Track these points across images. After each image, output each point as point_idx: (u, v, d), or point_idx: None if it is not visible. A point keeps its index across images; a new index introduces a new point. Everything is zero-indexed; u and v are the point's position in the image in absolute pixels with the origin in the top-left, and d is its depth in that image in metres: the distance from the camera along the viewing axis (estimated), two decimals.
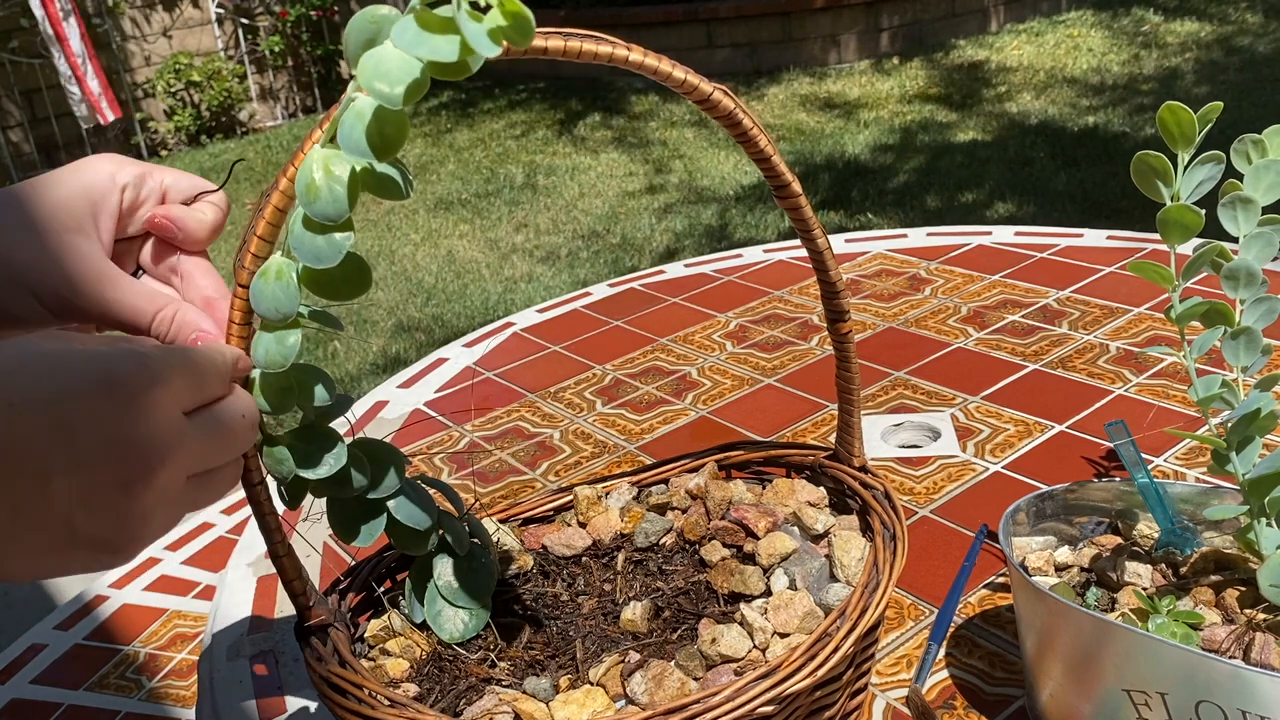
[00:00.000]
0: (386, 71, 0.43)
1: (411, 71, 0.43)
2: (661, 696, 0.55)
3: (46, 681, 1.18)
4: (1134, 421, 0.96)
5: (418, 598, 0.63)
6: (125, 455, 0.44)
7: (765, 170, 0.57)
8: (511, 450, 1.06)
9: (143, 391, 0.44)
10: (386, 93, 0.43)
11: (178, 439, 0.46)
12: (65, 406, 0.42)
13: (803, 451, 0.72)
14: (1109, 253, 1.35)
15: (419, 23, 0.42)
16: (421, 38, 0.42)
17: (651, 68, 0.51)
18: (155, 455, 0.45)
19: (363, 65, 0.44)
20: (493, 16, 0.41)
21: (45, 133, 5.67)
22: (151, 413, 0.45)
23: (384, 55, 0.44)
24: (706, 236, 3.78)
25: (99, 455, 0.43)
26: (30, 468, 0.41)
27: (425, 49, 0.42)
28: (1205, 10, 5.85)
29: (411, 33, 0.42)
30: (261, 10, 6.29)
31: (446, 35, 0.42)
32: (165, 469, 0.45)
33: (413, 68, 0.43)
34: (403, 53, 0.43)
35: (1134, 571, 0.62)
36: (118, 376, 0.44)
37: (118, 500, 0.44)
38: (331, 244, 0.49)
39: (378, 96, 0.44)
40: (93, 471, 0.43)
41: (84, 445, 0.42)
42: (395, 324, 3.41)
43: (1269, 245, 0.62)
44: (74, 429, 0.42)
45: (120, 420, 0.44)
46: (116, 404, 0.44)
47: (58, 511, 0.43)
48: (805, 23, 5.71)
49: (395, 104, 0.44)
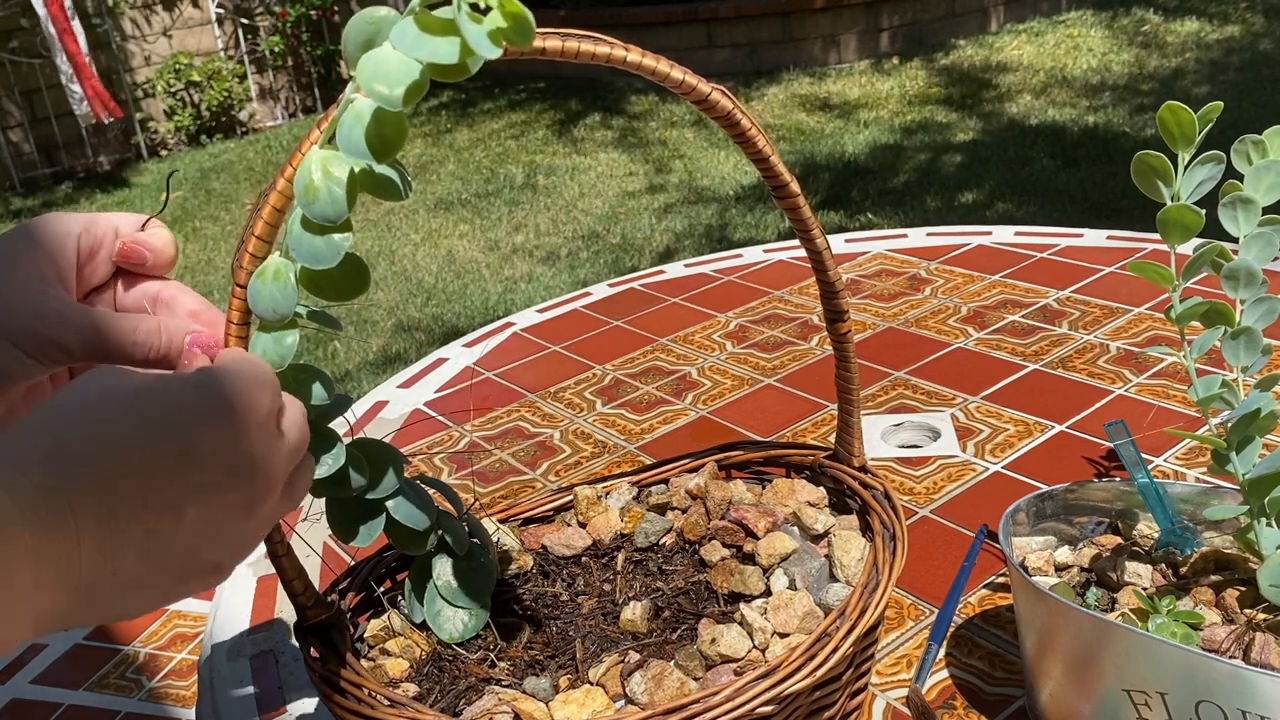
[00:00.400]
0: (386, 73, 0.43)
1: (411, 73, 0.43)
2: (661, 696, 0.55)
3: (46, 681, 1.18)
4: (1134, 421, 0.96)
5: (417, 598, 0.63)
6: (250, 478, 0.45)
7: (764, 170, 0.57)
8: (511, 450, 1.06)
9: (250, 412, 0.45)
10: (386, 94, 0.43)
11: (281, 454, 0.47)
12: (190, 436, 0.43)
13: (803, 451, 0.72)
14: (1109, 253, 1.35)
15: (419, 24, 0.42)
16: (421, 39, 0.42)
17: (649, 68, 0.51)
18: (273, 475, 0.46)
19: (362, 66, 0.44)
20: (493, 18, 0.41)
21: (45, 133, 5.66)
22: (263, 433, 0.46)
23: (383, 57, 0.44)
24: (706, 236, 3.78)
25: (226, 481, 0.44)
26: (164, 500, 0.42)
27: (425, 51, 0.42)
28: (1205, 10, 5.85)
29: (411, 35, 0.42)
30: (261, 10, 6.29)
31: (446, 37, 0.42)
32: (280, 485, 0.46)
33: (412, 69, 0.43)
34: (402, 54, 0.43)
35: (1134, 571, 0.62)
36: (229, 400, 0.45)
37: (243, 524, 0.45)
38: (330, 245, 0.49)
39: (377, 98, 0.44)
40: (224, 497, 0.44)
41: (210, 473, 0.43)
42: (395, 324, 3.41)
43: (1269, 245, 0.62)
44: (199, 457, 0.43)
45: (239, 444, 0.44)
46: (235, 429, 0.44)
47: (187, 542, 0.43)
48: (805, 23, 5.71)
49: (395, 105, 0.43)
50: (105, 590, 0.41)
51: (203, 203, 5.00)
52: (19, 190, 5.57)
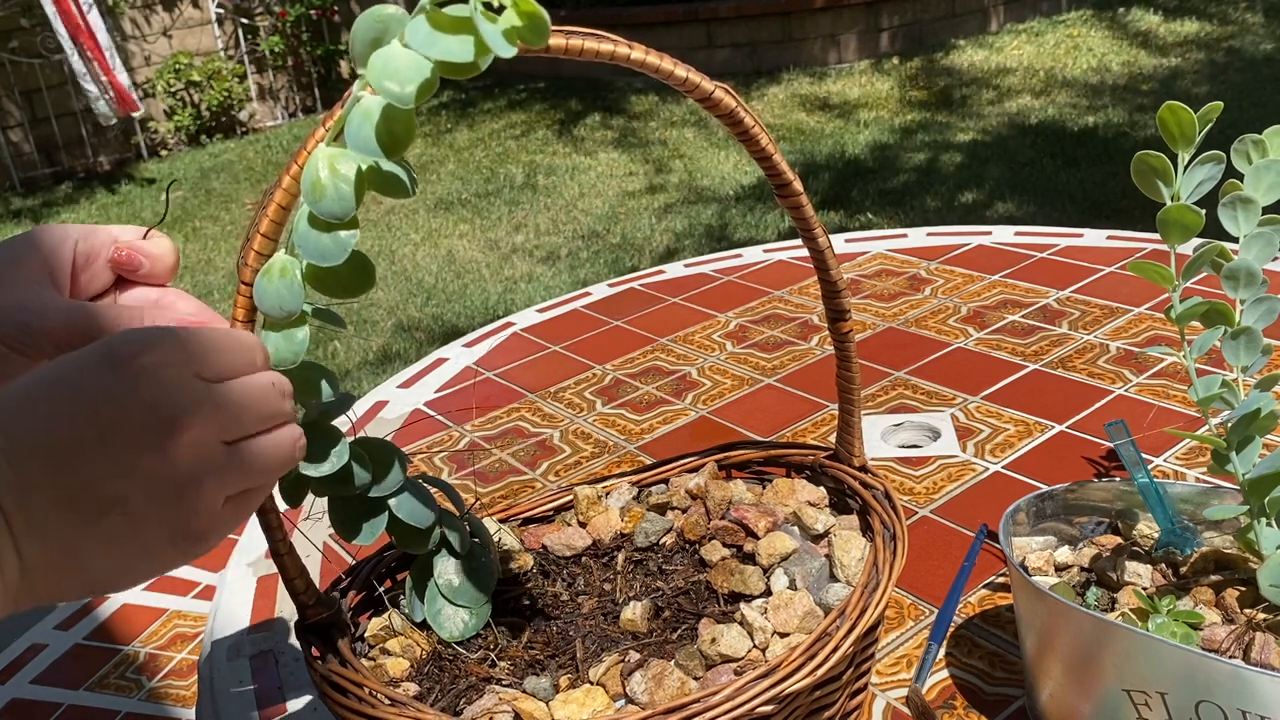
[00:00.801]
0: (396, 70, 0.44)
1: (422, 71, 0.43)
2: (661, 696, 0.55)
3: (46, 681, 1.18)
4: (1134, 421, 0.96)
5: (418, 596, 0.63)
6: (137, 417, 0.44)
7: (767, 169, 0.57)
8: (511, 450, 1.06)
9: (139, 358, 0.45)
10: (397, 92, 0.44)
11: (194, 401, 0.45)
12: (89, 401, 0.43)
13: (803, 451, 0.72)
14: (1109, 253, 1.35)
15: (431, 23, 0.42)
16: (434, 37, 0.42)
17: (654, 66, 0.51)
18: (172, 414, 0.45)
19: (372, 64, 0.44)
20: (508, 17, 0.41)
21: (45, 133, 5.66)
22: (156, 376, 0.45)
23: (393, 54, 0.44)
24: (706, 236, 3.78)
25: (121, 423, 0.43)
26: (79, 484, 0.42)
27: (439, 49, 0.42)
28: (1205, 10, 5.85)
29: (424, 32, 0.43)
30: (261, 10, 6.29)
31: (459, 35, 0.42)
32: (190, 427, 0.45)
33: (423, 67, 0.43)
34: (412, 52, 0.43)
35: (1134, 571, 0.62)
36: (114, 349, 0.45)
37: (145, 464, 0.44)
38: (337, 242, 0.49)
39: (388, 95, 0.44)
40: (119, 437, 0.43)
41: (107, 419, 0.43)
42: (395, 324, 3.41)
43: (1269, 245, 0.62)
44: (101, 424, 0.43)
45: (127, 387, 0.44)
46: (120, 377, 0.44)
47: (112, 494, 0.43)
48: (805, 23, 5.71)
49: (406, 103, 0.44)
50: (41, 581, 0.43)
51: (203, 203, 5.00)
52: (19, 190, 5.57)
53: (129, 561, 0.45)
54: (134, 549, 0.44)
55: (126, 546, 0.44)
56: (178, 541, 0.46)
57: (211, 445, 0.46)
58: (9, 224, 5.00)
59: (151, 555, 0.45)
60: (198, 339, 0.47)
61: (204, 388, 0.46)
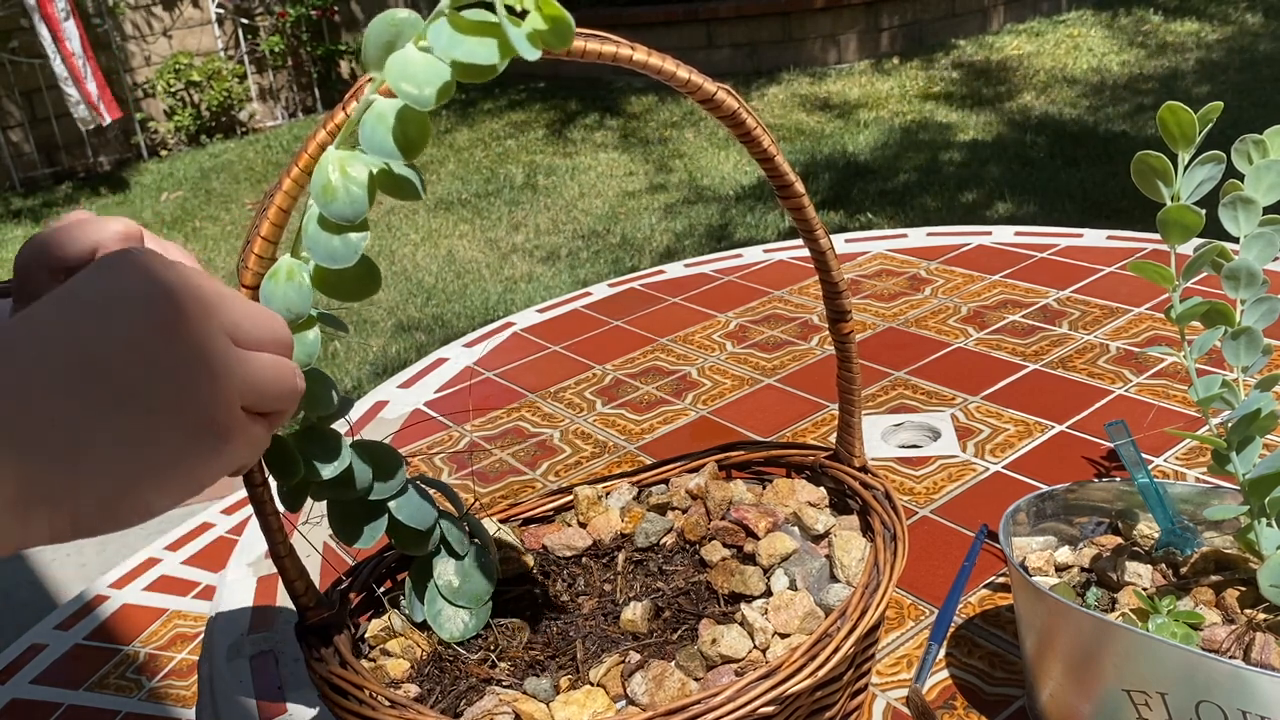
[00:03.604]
0: (413, 74, 0.44)
1: (441, 74, 0.44)
2: (662, 697, 0.55)
3: (46, 681, 1.18)
4: (1134, 421, 0.96)
5: (418, 597, 0.63)
6: (138, 304, 0.42)
7: (768, 170, 0.57)
8: (511, 450, 1.06)
9: (129, 255, 0.43)
10: (415, 94, 0.44)
11: (194, 289, 0.43)
12: (82, 327, 0.41)
13: (803, 451, 0.72)
14: (1109, 253, 1.35)
15: (453, 26, 0.43)
16: (457, 40, 0.43)
17: (655, 67, 0.51)
18: (175, 299, 0.42)
19: (389, 67, 0.44)
20: (532, 20, 0.42)
21: (45, 133, 5.66)
22: (151, 269, 0.43)
23: (410, 58, 0.44)
24: (706, 236, 3.78)
25: (123, 312, 0.41)
26: (69, 423, 0.39)
27: (461, 51, 0.43)
28: (1205, 10, 5.85)
29: (446, 35, 0.43)
30: (261, 10, 6.29)
31: (481, 38, 0.42)
32: (193, 313, 0.43)
33: (441, 70, 0.44)
34: (429, 55, 0.44)
35: (1134, 571, 0.62)
36: (105, 258, 0.43)
37: (153, 345, 0.41)
38: (348, 244, 0.49)
39: (407, 98, 0.44)
40: (122, 325, 0.41)
41: (109, 311, 0.41)
42: (395, 324, 3.41)
43: (1269, 245, 0.62)
44: (98, 358, 0.40)
45: (125, 280, 0.42)
46: (117, 273, 0.42)
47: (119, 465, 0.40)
48: (805, 23, 5.71)
49: (426, 105, 0.44)
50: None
51: (203, 203, 5.00)
52: (19, 190, 5.57)
53: (149, 463, 0.41)
54: (152, 447, 0.41)
55: (143, 444, 0.41)
56: (201, 438, 0.42)
57: (219, 337, 0.43)
58: (9, 224, 5.00)
59: (173, 457, 0.42)
60: (193, 269, 0.45)
61: (199, 284, 0.44)
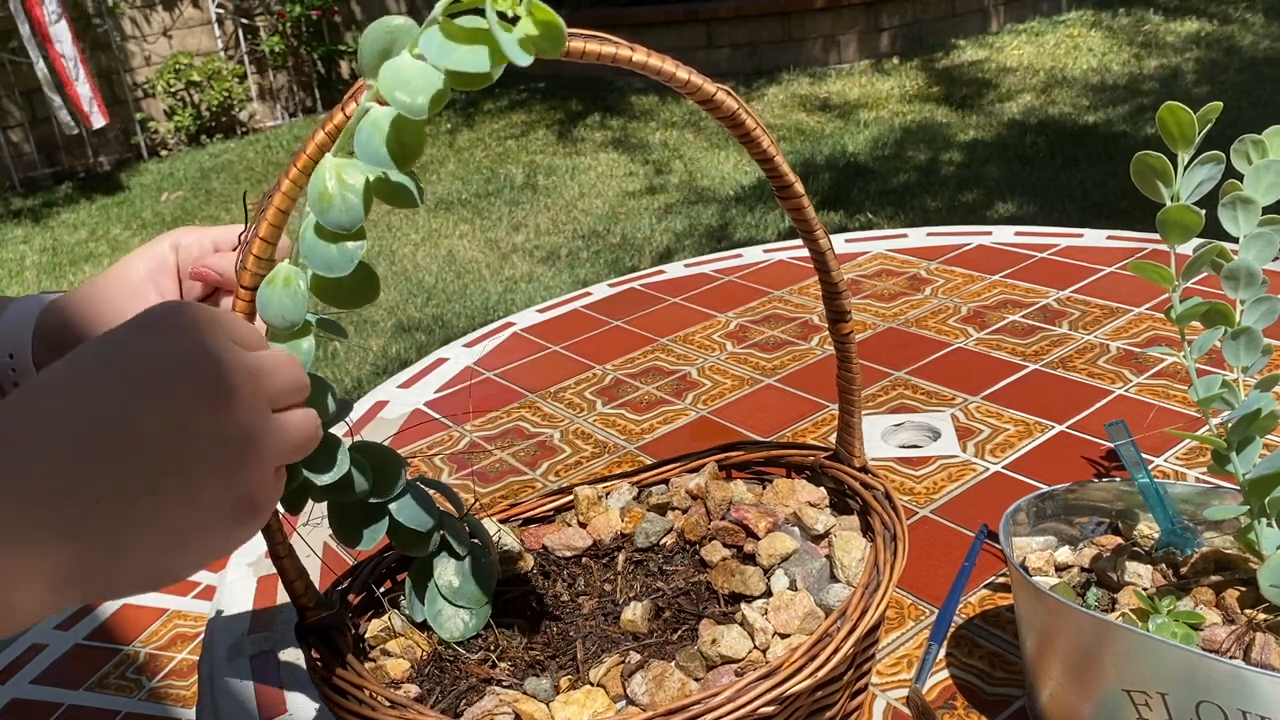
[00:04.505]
0: (407, 82, 0.43)
1: (434, 82, 0.43)
2: (662, 697, 0.55)
3: (46, 681, 1.18)
4: (1134, 421, 0.96)
5: (418, 597, 0.63)
6: (185, 374, 0.42)
7: (768, 170, 0.57)
8: (511, 450, 1.06)
9: (172, 317, 0.44)
10: (408, 103, 0.43)
11: (237, 358, 0.43)
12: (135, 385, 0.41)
13: (803, 451, 0.72)
14: (1109, 253, 1.35)
15: (445, 33, 0.42)
16: (448, 48, 0.42)
17: (655, 68, 0.51)
18: (220, 370, 0.43)
19: (383, 76, 0.44)
20: (524, 25, 0.41)
21: (45, 133, 5.66)
22: (195, 335, 0.43)
23: (403, 66, 0.44)
24: (706, 236, 3.78)
25: (169, 382, 0.41)
26: (116, 482, 0.39)
27: (453, 59, 0.42)
28: (1205, 10, 5.85)
29: (438, 43, 0.42)
30: (261, 10, 6.29)
31: (472, 45, 0.42)
32: (240, 384, 0.43)
33: (435, 78, 0.43)
34: (423, 63, 0.43)
35: (1134, 571, 0.62)
36: (147, 317, 0.44)
37: (202, 421, 0.41)
38: (344, 253, 0.49)
39: (400, 106, 0.44)
40: (169, 397, 0.41)
41: (154, 380, 0.41)
42: (395, 324, 3.41)
43: (1269, 245, 0.62)
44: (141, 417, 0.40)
45: (168, 347, 0.43)
46: (161, 338, 0.43)
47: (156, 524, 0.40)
48: (805, 23, 5.71)
49: (419, 114, 0.44)
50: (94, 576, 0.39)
51: (203, 203, 5.00)
52: (19, 190, 5.57)
53: (186, 538, 0.41)
54: (191, 523, 0.41)
55: (183, 520, 0.40)
56: (239, 513, 0.42)
57: (262, 406, 0.44)
58: (9, 224, 5.00)
59: (210, 531, 0.42)
60: (220, 310, 0.46)
61: (240, 350, 0.44)
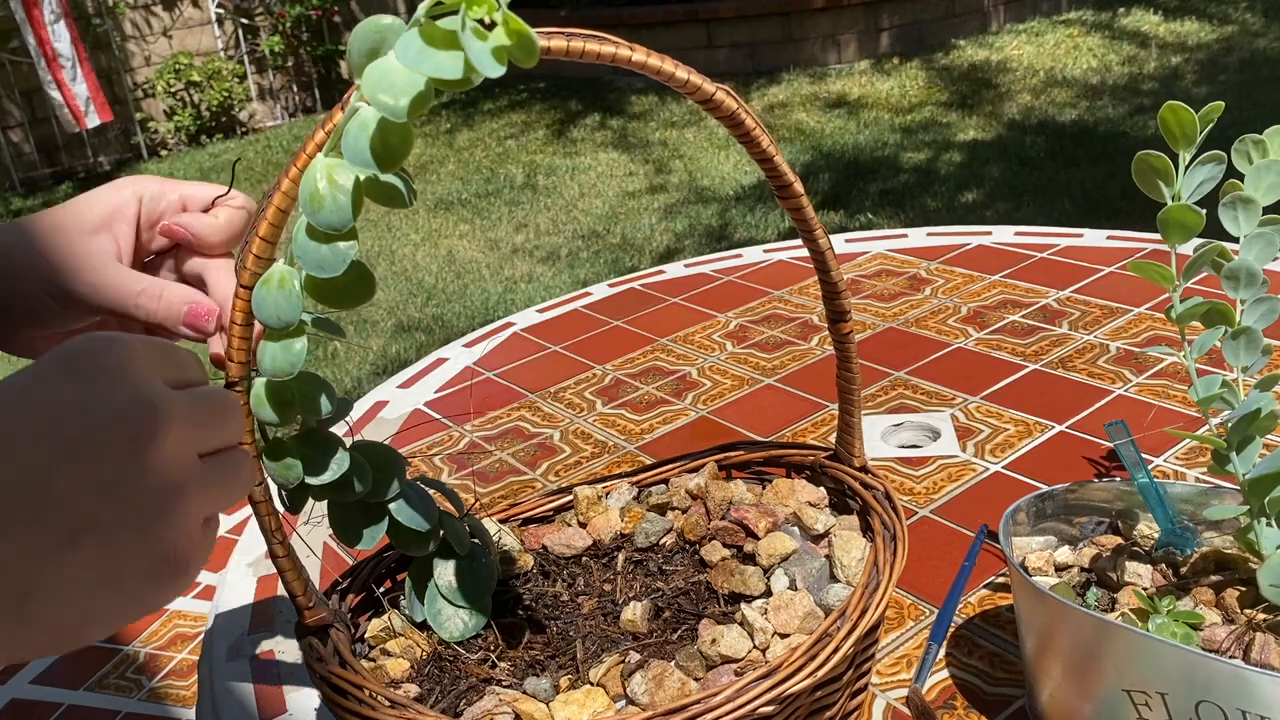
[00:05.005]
0: (390, 84, 0.43)
1: (416, 85, 0.43)
2: (662, 697, 0.55)
3: (46, 681, 1.18)
4: (1134, 421, 0.96)
5: (418, 597, 0.63)
6: (108, 424, 0.39)
7: (767, 170, 0.57)
8: (511, 450, 1.06)
9: (100, 359, 0.41)
10: (391, 105, 0.43)
11: (166, 403, 0.41)
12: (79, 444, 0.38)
13: (803, 451, 0.72)
14: (1109, 253, 1.35)
15: (423, 37, 0.42)
16: (425, 53, 0.42)
17: (654, 68, 0.51)
18: (146, 418, 0.40)
19: (367, 77, 0.44)
20: (497, 35, 0.41)
21: (45, 133, 5.66)
22: (123, 379, 0.40)
23: (388, 67, 0.43)
24: (706, 236, 3.78)
25: (91, 433, 0.38)
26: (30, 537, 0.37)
27: (429, 65, 0.42)
28: (1205, 10, 5.85)
29: (416, 48, 0.42)
30: (261, 10, 6.29)
31: (450, 50, 0.42)
32: (167, 433, 0.40)
33: (417, 81, 0.43)
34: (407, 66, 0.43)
35: (1134, 571, 0.62)
36: (70, 355, 0.41)
37: (122, 477, 0.39)
38: (336, 253, 0.49)
39: (382, 109, 0.43)
40: (90, 449, 0.38)
41: (74, 430, 0.38)
42: (395, 324, 3.41)
43: (1269, 245, 0.62)
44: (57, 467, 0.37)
45: (93, 392, 0.39)
46: (84, 383, 0.40)
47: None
48: (805, 23, 5.71)
49: (400, 116, 0.43)
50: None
51: None
52: (19, 190, 5.57)
53: (102, 602, 0.38)
54: (108, 585, 0.38)
55: (99, 582, 0.38)
56: (159, 572, 0.40)
57: (189, 455, 0.41)
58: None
59: (127, 593, 0.39)
60: (149, 344, 0.43)
61: (171, 391, 0.42)
